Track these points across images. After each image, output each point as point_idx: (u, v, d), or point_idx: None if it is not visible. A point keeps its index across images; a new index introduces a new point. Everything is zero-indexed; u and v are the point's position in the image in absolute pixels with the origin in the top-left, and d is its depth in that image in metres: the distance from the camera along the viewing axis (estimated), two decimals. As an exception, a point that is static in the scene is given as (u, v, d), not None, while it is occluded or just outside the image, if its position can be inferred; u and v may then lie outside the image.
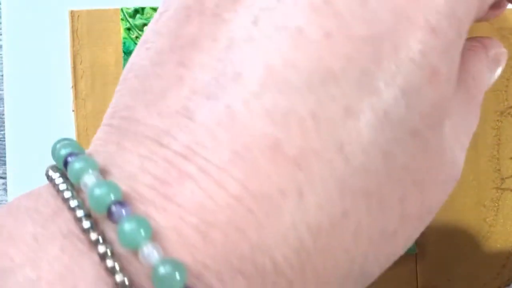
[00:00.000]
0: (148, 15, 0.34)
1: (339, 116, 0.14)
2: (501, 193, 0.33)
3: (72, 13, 0.34)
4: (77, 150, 0.15)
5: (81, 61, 0.34)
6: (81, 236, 0.14)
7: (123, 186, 0.14)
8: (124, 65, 0.33)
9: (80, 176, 0.14)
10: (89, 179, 0.14)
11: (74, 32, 0.34)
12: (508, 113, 0.34)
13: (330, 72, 0.14)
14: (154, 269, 0.13)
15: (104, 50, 0.34)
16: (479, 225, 0.33)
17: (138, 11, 0.34)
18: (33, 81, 0.34)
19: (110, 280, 0.13)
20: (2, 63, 0.34)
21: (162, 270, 0.13)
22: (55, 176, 0.15)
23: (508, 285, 0.32)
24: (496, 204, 0.33)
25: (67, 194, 0.14)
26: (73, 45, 0.34)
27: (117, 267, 0.13)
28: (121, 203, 0.14)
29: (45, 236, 0.14)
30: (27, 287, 0.13)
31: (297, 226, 0.14)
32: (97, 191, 0.14)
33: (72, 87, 0.34)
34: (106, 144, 0.15)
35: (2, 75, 0.34)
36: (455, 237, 0.33)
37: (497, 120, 0.34)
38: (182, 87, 0.15)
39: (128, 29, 0.34)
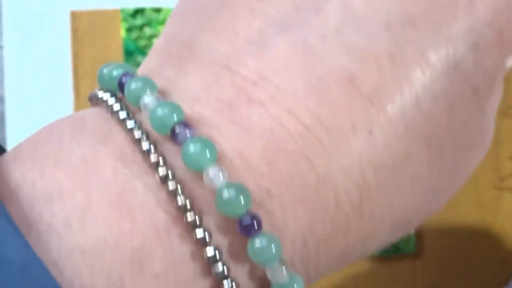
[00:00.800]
0: (149, 16, 0.34)
1: (415, 60, 0.14)
2: (500, 193, 0.33)
3: (73, 14, 0.34)
4: (131, 70, 0.14)
5: (82, 62, 0.34)
6: (136, 159, 0.13)
7: (186, 108, 0.14)
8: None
9: (139, 96, 0.14)
10: (149, 99, 0.13)
11: (75, 32, 0.34)
12: (507, 113, 0.34)
13: (410, 16, 0.14)
14: (218, 192, 0.13)
15: (105, 50, 0.34)
16: (478, 224, 0.33)
17: (138, 11, 0.34)
18: (34, 81, 0.34)
19: (169, 205, 0.13)
20: (3, 64, 0.34)
21: (226, 193, 0.13)
22: (107, 96, 0.14)
23: (507, 283, 0.32)
24: (495, 204, 0.33)
25: (123, 115, 0.14)
26: (74, 46, 0.34)
27: (179, 190, 0.13)
28: (185, 124, 0.13)
29: (95, 159, 0.13)
30: (77, 213, 0.13)
31: (363, 162, 0.14)
32: (160, 111, 0.13)
33: (73, 87, 0.34)
34: (163, 69, 0.15)
35: (3, 76, 0.34)
36: (454, 237, 0.33)
37: (496, 120, 0.34)
38: (254, 19, 0.14)
39: (129, 29, 0.34)
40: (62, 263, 0.12)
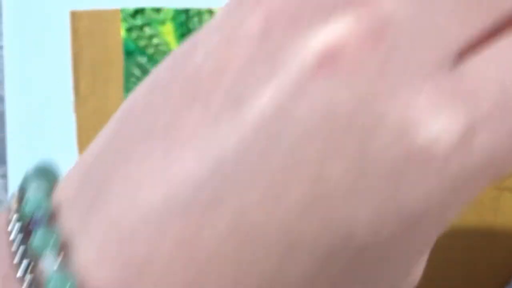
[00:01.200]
0: (149, 16, 0.34)
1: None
2: (500, 193, 0.33)
3: (73, 14, 0.34)
4: (45, 204, 0.14)
5: (81, 62, 0.34)
6: None
7: (79, 275, 0.14)
8: (124, 65, 0.33)
9: (42, 251, 0.14)
10: (48, 261, 0.14)
11: (75, 32, 0.34)
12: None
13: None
14: None
15: (105, 50, 0.34)
16: (478, 224, 0.33)
17: (138, 11, 0.34)
18: (34, 81, 0.34)
19: None
20: (3, 64, 0.34)
21: None
22: (15, 233, 0.14)
23: (508, 283, 0.32)
24: (495, 204, 0.33)
25: (21, 271, 0.14)
26: (73, 46, 0.34)
27: None
28: None
29: None
30: None
31: None
32: (53, 285, 0.13)
33: (73, 87, 0.34)
34: (76, 205, 0.15)
35: (4, 76, 0.34)
36: (454, 237, 0.33)
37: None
38: (162, 183, 0.14)
39: (129, 29, 0.34)
40: None
